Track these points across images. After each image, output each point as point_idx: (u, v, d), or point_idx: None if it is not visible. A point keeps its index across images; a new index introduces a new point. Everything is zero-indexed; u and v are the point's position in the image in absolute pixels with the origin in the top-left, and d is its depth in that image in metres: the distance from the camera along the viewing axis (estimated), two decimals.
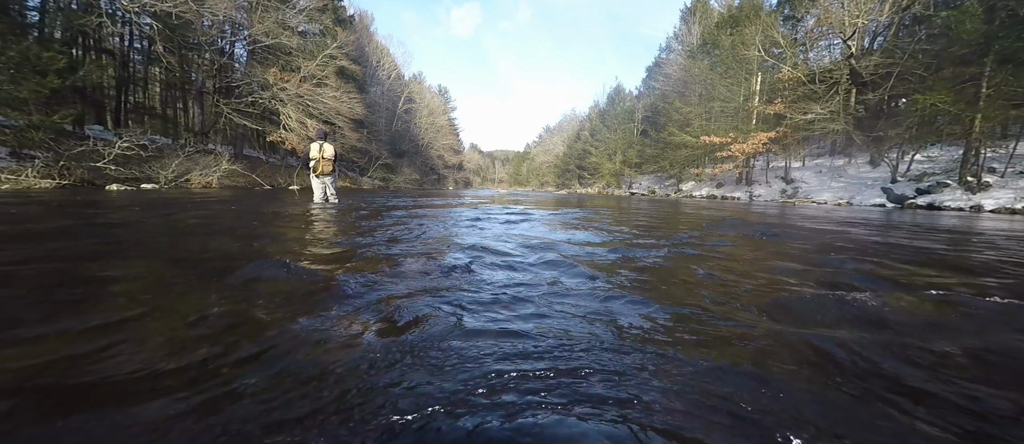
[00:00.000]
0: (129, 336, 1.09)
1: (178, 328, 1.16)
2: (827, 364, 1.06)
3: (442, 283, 1.79)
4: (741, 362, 1.04)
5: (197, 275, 1.77)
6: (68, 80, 11.18)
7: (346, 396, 0.83)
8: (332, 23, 24.34)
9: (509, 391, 0.86)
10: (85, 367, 0.92)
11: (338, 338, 1.13)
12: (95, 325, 1.16)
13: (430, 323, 1.26)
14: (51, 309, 1.30)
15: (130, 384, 0.85)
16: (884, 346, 1.17)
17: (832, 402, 0.87)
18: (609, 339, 1.18)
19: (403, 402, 0.81)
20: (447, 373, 0.94)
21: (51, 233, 2.86)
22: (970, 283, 2.12)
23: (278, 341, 1.09)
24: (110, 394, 0.82)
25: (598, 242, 3.27)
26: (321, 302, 1.45)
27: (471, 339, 1.15)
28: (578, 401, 0.83)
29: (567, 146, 62.48)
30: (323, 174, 6.97)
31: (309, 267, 1.98)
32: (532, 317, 1.36)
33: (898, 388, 0.94)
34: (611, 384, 0.90)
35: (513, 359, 1.02)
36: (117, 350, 1.01)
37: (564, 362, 1.01)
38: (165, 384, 0.86)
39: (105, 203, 5.61)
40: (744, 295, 1.73)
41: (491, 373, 0.94)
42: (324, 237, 3.19)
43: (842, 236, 4.21)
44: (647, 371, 0.98)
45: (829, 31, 22.28)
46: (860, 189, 18.45)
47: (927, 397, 0.91)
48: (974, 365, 1.07)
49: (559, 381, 0.91)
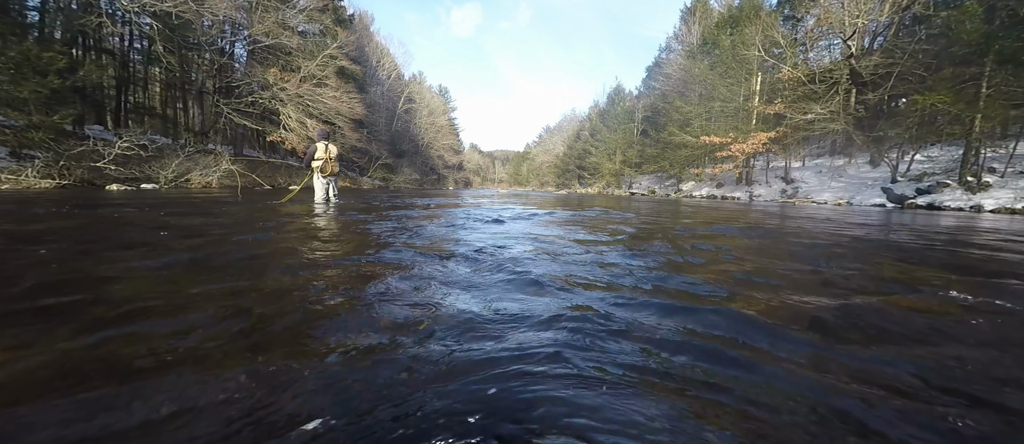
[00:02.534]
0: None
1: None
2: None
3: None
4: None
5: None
6: (68, 80, 11.19)
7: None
8: (332, 23, 24.32)
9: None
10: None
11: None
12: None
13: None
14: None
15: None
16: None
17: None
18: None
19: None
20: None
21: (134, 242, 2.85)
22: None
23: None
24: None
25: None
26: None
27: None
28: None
29: (567, 146, 62.45)
30: (331, 174, 6.95)
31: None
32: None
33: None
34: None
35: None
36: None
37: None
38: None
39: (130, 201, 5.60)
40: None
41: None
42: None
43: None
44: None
45: (829, 31, 22.27)
46: (860, 189, 18.44)
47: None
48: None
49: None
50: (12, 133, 9.98)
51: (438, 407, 0.81)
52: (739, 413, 0.81)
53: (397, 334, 1.18)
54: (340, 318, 1.30)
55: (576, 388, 0.89)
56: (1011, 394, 0.92)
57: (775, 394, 0.89)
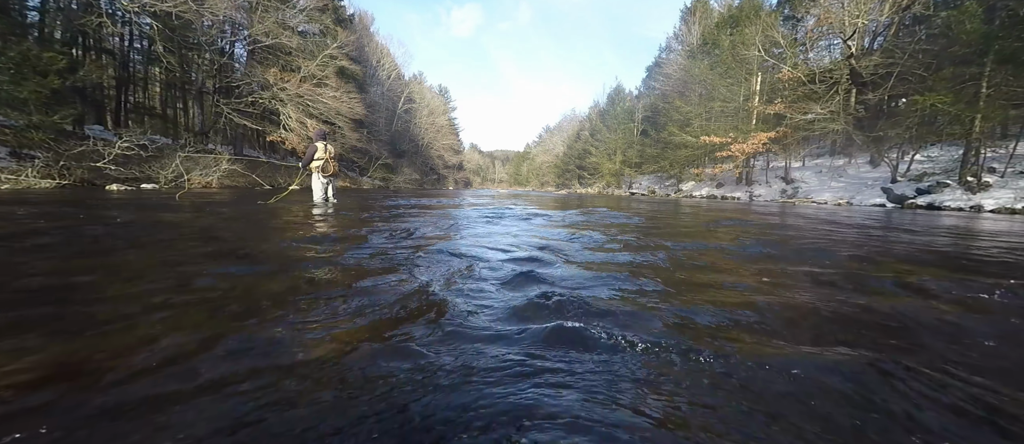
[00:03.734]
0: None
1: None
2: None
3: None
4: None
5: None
6: (68, 80, 11.20)
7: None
8: (332, 23, 24.33)
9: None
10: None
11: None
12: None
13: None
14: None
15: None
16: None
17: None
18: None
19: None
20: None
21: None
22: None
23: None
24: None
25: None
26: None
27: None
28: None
29: (567, 146, 62.43)
30: (332, 174, 6.96)
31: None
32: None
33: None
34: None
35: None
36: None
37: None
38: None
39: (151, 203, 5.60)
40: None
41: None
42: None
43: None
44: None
45: (829, 31, 22.25)
46: (860, 189, 18.43)
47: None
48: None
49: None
50: (12, 133, 9.98)
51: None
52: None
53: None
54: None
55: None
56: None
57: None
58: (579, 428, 0.75)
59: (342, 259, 2.29)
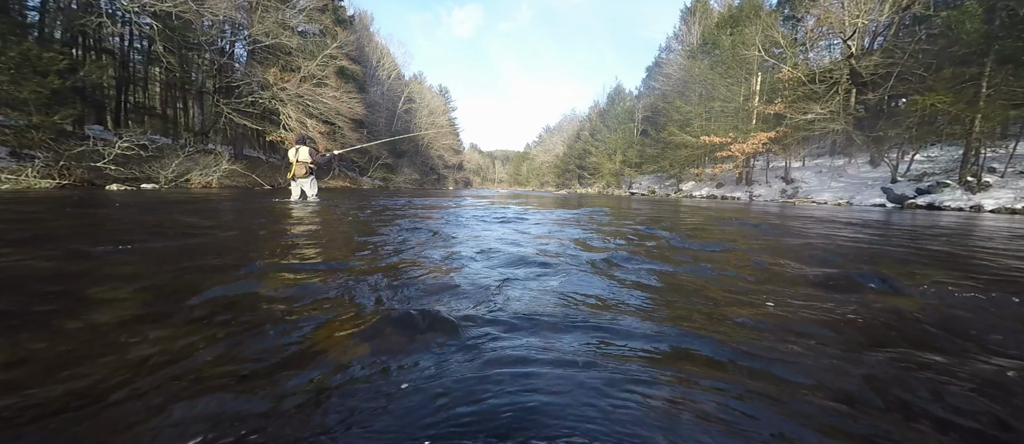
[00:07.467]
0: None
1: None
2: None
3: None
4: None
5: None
6: (68, 80, 11.17)
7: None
8: (332, 23, 24.31)
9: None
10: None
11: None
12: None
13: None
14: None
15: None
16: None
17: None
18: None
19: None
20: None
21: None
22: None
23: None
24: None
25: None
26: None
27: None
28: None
29: (567, 146, 62.45)
30: (297, 177, 7.20)
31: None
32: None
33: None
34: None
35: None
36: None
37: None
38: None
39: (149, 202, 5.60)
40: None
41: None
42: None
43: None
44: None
45: (829, 31, 22.27)
46: (860, 189, 18.44)
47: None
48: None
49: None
50: (12, 133, 9.97)
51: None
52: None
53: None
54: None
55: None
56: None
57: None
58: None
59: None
